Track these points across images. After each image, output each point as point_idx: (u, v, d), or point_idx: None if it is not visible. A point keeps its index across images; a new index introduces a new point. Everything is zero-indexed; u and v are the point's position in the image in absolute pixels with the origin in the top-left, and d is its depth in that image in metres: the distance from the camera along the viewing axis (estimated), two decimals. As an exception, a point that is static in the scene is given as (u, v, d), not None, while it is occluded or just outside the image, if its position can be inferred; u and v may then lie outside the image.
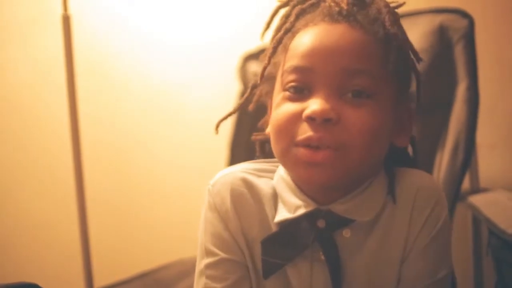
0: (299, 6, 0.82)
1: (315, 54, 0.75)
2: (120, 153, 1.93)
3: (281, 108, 0.77)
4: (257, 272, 0.82)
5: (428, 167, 1.22)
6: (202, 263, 0.82)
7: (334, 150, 0.73)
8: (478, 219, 1.37)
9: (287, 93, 0.77)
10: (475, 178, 1.40)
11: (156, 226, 1.91)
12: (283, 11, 0.86)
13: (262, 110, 0.91)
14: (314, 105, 0.73)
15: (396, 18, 0.78)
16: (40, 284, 0.74)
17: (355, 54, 0.74)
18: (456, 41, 1.24)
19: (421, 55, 1.24)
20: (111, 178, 1.93)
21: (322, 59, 0.75)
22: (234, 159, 1.46)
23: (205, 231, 0.83)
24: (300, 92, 0.76)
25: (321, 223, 0.77)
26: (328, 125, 0.73)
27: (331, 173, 0.74)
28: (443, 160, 1.20)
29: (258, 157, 0.91)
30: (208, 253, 0.82)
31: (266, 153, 0.90)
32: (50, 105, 1.92)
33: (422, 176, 0.82)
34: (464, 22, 1.24)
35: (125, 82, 1.90)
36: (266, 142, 0.91)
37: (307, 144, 0.73)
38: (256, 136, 0.92)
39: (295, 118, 0.75)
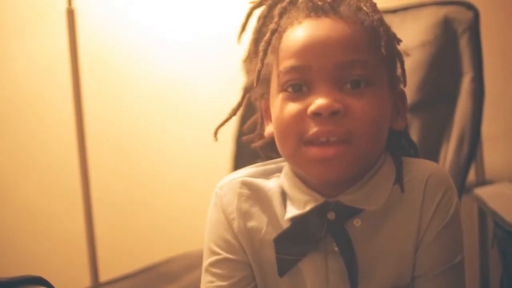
0: (280, 5, 0.83)
1: (309, 51, 0.76)
2: (125, 148, 1.93)
3: (284, 109, 0.77)
4: (263, 272, 0.83)
5: (433, 160, 1.21)
6: (206, 261, 0.84)
7: (343, 143, 0.73)
8: (483, 212, 1.37)
9: (286, 93, 0.77)
10: (480, 170, 1.40)
11: (160, 219, 1.91)
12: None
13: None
14: (319, 100, 0.73)
15: (374, 5, 0.80)
16: (45, 278, 0.74)
17: (347, 45, 0.75)
18: (461, 33, 1.23)
19: (426, 47, 1.26)
20: (116, 172, 1.93)
21: (316, 54, 0.75)
22: (239, 154, 1.45)
23: (209, 232, 0.85)
24: (299, 90, 0.76)
25: (331, 215, 0.78)
26: (336, 117, 0.73)
27: (344, 166, 0.74)
28: (448, 152, 1.20)
29: (263, 161, 0.91)
30: (212, 252, 0.84)
31: (271, 158, 0.90)
32: (54, 101, 1.92)
33: (431, 164, 0.83)
34: (469, 14, 1.23)
35: (129, 78, 1.90)
36: (267, 145, 0.91)
37: (316, 139, 0.74)
38: (256, 144, 0.93)
39: (300, 117, 0.75)
